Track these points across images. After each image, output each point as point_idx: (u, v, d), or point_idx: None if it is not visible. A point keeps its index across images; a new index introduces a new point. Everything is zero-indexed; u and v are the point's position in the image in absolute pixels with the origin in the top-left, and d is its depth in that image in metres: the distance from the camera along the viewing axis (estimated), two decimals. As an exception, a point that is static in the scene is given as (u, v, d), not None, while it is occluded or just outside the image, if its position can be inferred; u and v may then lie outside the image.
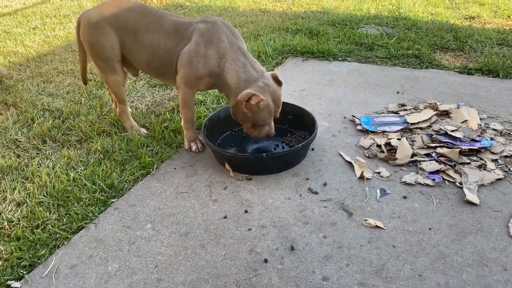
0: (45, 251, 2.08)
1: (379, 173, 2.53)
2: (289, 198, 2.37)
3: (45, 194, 2.44)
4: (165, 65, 2.70)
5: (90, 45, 2.77)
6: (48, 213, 2.30)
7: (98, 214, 2.31)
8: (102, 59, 2.79)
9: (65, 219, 2.26)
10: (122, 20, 2.70)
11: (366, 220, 2.18)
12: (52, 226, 2.21)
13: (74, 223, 2.24)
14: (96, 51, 2.77)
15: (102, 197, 2.41)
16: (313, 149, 2.78)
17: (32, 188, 2.48)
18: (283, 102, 2.62)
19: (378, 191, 2.39)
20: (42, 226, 2.22)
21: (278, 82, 2.55)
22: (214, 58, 2.52)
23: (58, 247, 2.11)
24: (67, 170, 2.64)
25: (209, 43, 2.53)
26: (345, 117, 3.16)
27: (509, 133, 2.80)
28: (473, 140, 2.68)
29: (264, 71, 2.55)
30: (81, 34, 2.81)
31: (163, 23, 2.68)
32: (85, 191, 2.46)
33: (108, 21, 2.70)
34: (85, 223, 2.25)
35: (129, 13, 2.71)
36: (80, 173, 2.61)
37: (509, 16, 5.21)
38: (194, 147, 2.80)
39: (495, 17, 5.22)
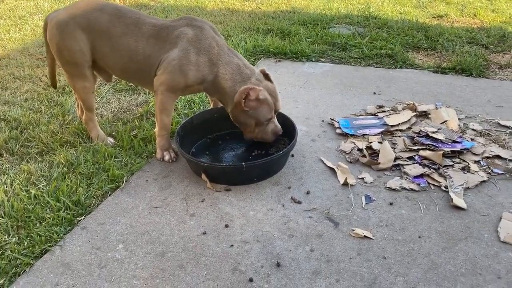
0: (4, 280, 1.86)
1: (362, 178, 2.44)
2: (272, 209, 2.24)
3: (3, 215, 2.20)
4: (143, 70, 2.52)
5: (58, 49, 2.54)
6: (6, 236, 2.08)
7: (64, 235, 2.10)
8: (71, 64, 2.56)
9: (26, 243, 2.04)
10: (94, 22, 2.49)
11: (353, 230, 2.07)
12: (11, 251, 1.99)
13: (37, 247, 2.02)
14: (64, 55, 2.54)
15: (68, 216, 2.20)
16: (293, 155, 2.65)
17: (-13, 209, 2.24)
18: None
19: (363, 198, 2.29)
20: (0, 252, 1.99)
21: (267, 76, 2.57)
22: (206, 65, 2.44)
23: (19, 275, 1.89)
24: (27, 187, 2.40)
25: (200, 50, 2.42)
26: (323, 120, 3.05)
27: (488, 133, 2.78)
28: (454, 141, 2.63)
29: (254, 69, 2.56)
30: (48, 37, 2.57)
31: (141, 26, 2.50)
32: (48, 210, 2.24)
33: (79, 24, 2.48)
34: (50, 246, 2.03)
35: (102, 15, 2.50)
36: (42, 189, 2.38)
37: (475, 15, 5.27)
38: (167, 157, 2.62)
39: (462, 16, 5.28)
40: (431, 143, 2.61)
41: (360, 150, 2.66)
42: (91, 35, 2.50)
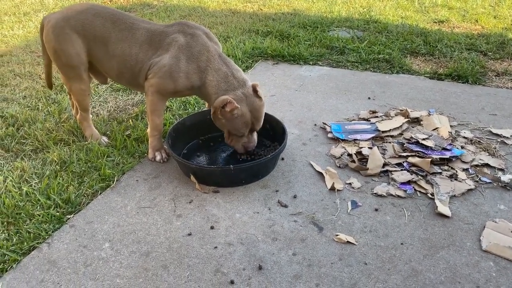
0: (-8, 276, 1.90)
1: (350, 184, 2.45)
2: (258, 212, 2.26)
3: (-6, 211, 2.25)
4: (137, 75, 2.56)
5: (55, 52, 2.57)
6: (-4, 233, 2.12)
7: (52, 232, 2.14)
8: (68, 67, 2.60)
9: (15, 239, 2.08)
10: (89, 27, 2.53)
11: (337, 235, 2.10)
12: (0, 247, 2.03)
13: (25, 243, 2.06)
14: (61, 58, 2.58)
15: (57, 214, 2.24)
16: (283, 159, 2.68)
17: (-21, 204, 2.29)
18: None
19: (349, 203, 2.31)
20: (-11, 248, 2.04)
21: (256, 92, 2.46)
22: (195, 73, 2.45)
23: (6, 271, 1.93)
24: (20, 184, 2.45)
25: (189, 58, 2.44)
26: (315, 124, 3.07)
27: (479, 141, 2.78)
28: (444, 149, 2.64)
29: (247, 80, 2.48)
30: (44, 39, 2.61)
31: (135, 31, 2.53)
32: (38, 207, 2.28)
33: (74, 28, 2.52)
34: (37, 243, 2.07)
35: (97, 20, 2.53)
36: (34, 186, 2.42)
37: (476, 21, 5.26)
38: (158, 157, 2.66)
39: (463, 21, 5.27)
40: (421, 150, 2.63)
41: (349, 155, 2.68)
42: (87, 40, 2.54)
